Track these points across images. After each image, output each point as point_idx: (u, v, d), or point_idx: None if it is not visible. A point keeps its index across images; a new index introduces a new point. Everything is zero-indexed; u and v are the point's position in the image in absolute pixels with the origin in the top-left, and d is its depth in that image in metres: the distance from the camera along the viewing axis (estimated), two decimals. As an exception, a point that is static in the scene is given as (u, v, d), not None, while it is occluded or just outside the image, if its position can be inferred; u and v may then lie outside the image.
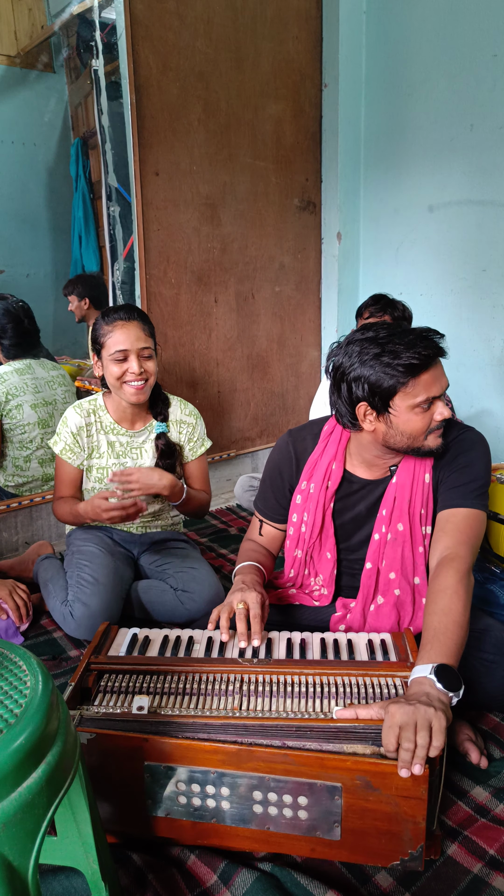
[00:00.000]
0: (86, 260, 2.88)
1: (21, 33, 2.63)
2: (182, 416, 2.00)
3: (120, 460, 1.95)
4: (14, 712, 0.77)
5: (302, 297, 3.35)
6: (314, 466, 1.53)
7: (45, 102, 2.79)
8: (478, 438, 1.45)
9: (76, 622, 1.77)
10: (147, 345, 1.82)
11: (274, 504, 1.61)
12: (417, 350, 1.29)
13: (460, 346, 3.04)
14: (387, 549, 1.46)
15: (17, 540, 2.53)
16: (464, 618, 1.20)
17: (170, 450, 1.94)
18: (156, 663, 1.29)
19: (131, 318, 1.81)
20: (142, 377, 1.80)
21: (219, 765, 1.08)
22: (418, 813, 1.04)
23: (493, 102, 2.69)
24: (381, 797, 1.04)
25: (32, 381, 2.43)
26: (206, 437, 2.06)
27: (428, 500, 1.43)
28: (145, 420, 1.97)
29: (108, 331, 1.80)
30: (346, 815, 1.07)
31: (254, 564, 1.53)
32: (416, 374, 1.30)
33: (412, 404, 1.31)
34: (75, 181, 2.83)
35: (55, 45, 2.72)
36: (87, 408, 1.93)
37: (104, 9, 2.51)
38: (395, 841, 1.07)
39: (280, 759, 1.06)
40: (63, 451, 1.92)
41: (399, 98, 3.04)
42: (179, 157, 2.71)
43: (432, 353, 1.31)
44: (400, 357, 1.28)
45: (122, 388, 1.82)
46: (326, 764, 1.04)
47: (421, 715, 1.02)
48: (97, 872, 0.96)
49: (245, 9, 2.81)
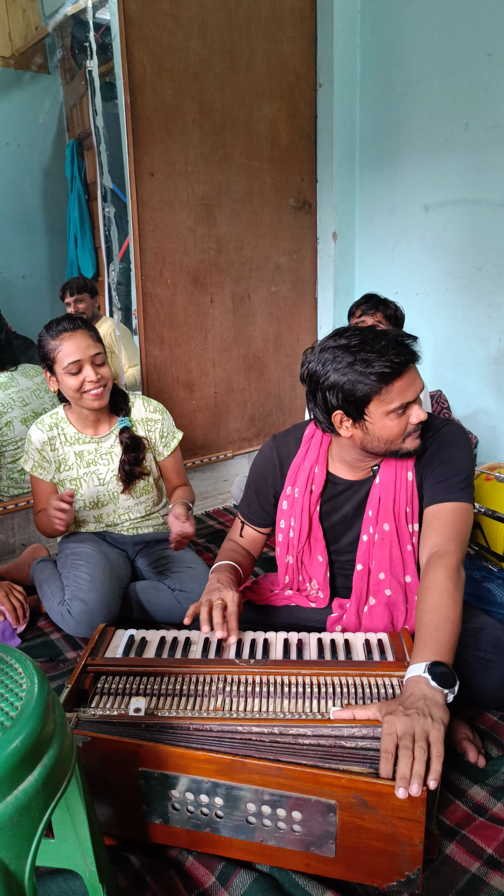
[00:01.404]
0: (81, 261, 2.87)
1: (15, 34, 2.63)
2: (147, 413, 1.99)
3: (91, 468, 1.95)
4: (10, 715, 0.77)
5: (298, 297, 3.35)
6: (297, 471, 1.54)
7: (40, 103, 2.78)
8: (458, 431, 1.45)
9: (75, 619, 1.77)
10: (98, 350, 1.80)
11: (258, 509, 1.62)
12: (389, 357, 1.27)
13: (456, 346, 3.05)
14: (375, 549, 1.46)
15: (13, 542, 2.53)
16: (455, 614, 1.20)
17: (135, 444, 1.93)
18: (153, 664, 1.28)
19: (76, 327, 1.79)
20: (99, 384, 1.80)
21: (213, 774, 1.07)
22: (416, 835, 1.01)
23: (487, 101, 2.69)
24: (377, 816, 1.01)
25: (18, 393, 2.40)
26: (176, 428, 2.05)
27: (413, 497, 1.43)
28: (110, 422, 1.96)
29: (55, 345, 1.78)
30: (342, 833, 1.04)
31: (230, 564, 1.54)
32: (388, 381, 1.29)
33: (387, 411, 1.31)
34: (70, 182, 2.83)
35: (49, 46, 2.72)
36: (48, 422, 1.94)
37: (98, 10, 2.51)
38: (392, 861, 1.05)
39: (274, 773, 1.04)
40: (34, 468, 1.93)
41: (394, 97, 3.04)
42: (174, 158, 2.71)
43: (405, 360, 1.30)
44: (372, 366, 1.27)
45: (82, 398, 1.81)
46: (321, 780, 1.02)
47: (419, 726, 1.02)
48: (95, 875, 0.96)
49: (239, 9, 2.81)
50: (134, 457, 1.93)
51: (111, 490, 1.96)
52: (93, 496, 1.96)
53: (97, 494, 1.96)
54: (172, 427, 2.03)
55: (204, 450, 3.09)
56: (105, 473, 1.95)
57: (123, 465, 1.93)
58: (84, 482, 1.94)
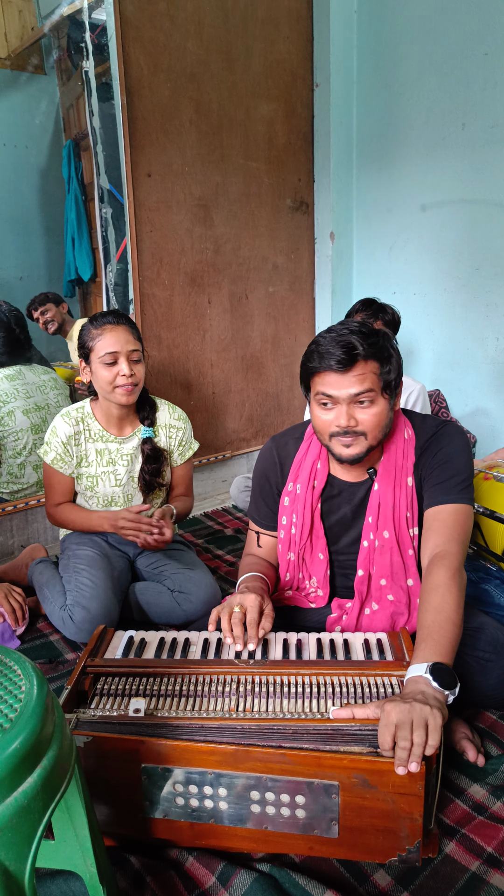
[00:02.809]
0: (79, 262, 2.87)
1: (11, 35, 2.63)
2: (171, 420, 2.00)
3: (109, 468, 1.95)
4: (9, 717, 0.77)
5: (296, 298, 3.35)
6: (299, 467, 1.54)
7: (37, 104, 2.78)
8: (456, 431, 1.46)
9: (76, 626, 1.77)
10: (136, 347, 1.83)
11: (266, 511, 1.62)
12: (323, 355, 1.34)
13: (454, 345, 3.05)
14: (376, 556, 1.46)
15: (12, 543, 2.53)
16: (457, 614, 1.21)
17: (156, 454, 1.95)
18: (152, 665, 1.28)
19: (119, 322, 1.82)
20: (132, 380, 1.80)
21: (216, 766, 1.08)
22: (415, 809, 1.04)
23: (484, 101, 2.70)
24: (379, 794, 1.04)
25: (23, 386, 2.42)
26: (194, 439, 2.07)
27: (413, 502, 1.44)
28: (133, 425, 1.97)
29: (96, 335, 1.80)
30: (344, 813, 1.07)
31: (257, 574, 1.53)
32: (310, 374, 1.38)
33: (312, 396, 1.39)
34: (67, 183, 2.83)
35: (46, 46, 2.72)
36: (75, 416, 1.94)
37: (94, 10, 2.51)
38: (392, 837, 1.07)
39: (277, 759, 1.06)
40: (54, 460, 1.92)
41: (391, 97, 3.05)
42: (171, 159, 2.71)
43: (328, 363, 1.32)
44: (308, 355, 1.37)
45: (114, 392, 1.82)
46: (323, 763, 1.04)
47: (417, 713, 1.02)
48: (95, 875, 0.96)
49: (236, 9, 2.81)
50: (155, 468, 1.95)
51: (126, 492, 1.97)
52: (107, 495, 1.97)
53: (111, 494, 1.97)
54: (191, 437, 2.05)
55: (202, 450, 3.09)
56: (122, 474, 1.96)
57: (144, 474, 1.95)
58: (101, 480, 1.95)
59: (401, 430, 1.46)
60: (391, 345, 1.39)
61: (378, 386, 1.34)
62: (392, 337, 2.42)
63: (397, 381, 1.39)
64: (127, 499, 1.98)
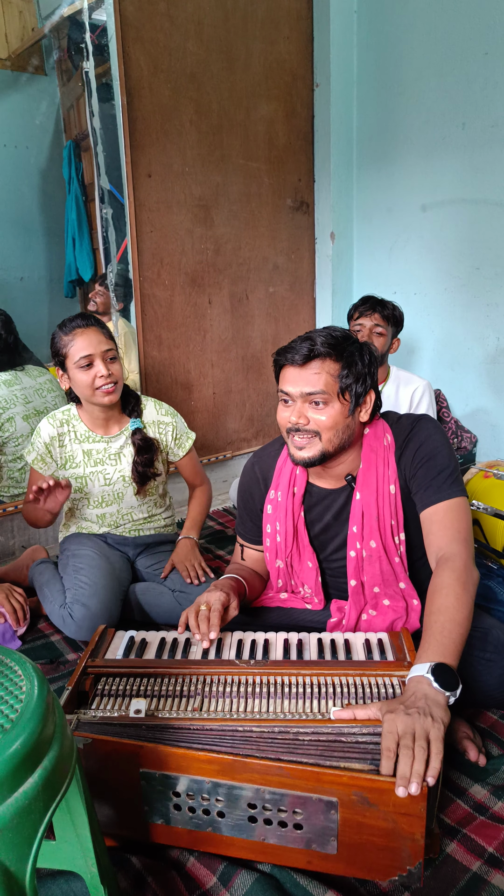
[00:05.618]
0: (79, 263, 2.87)
1: (12, 36, 2.63)
2: (159, 416, 2.00)
3: (98, 468, 1.95)
4: (10, 717, 0.77)
5: (296, 298, 3.35)
6: (279, 474, 1.55)
7: (37, 105, 2.78)
8: (431, 425, 1.45)
9: (76, 624, 1.77)
10: (109, 346, 1.82)
11: (251, 527, 1.64)
12: (288, 348, 1.39)
13: (454, 345, 3.05)
14: (365, 565, 1.46)
15: (13, 544, 2.53)
16: (462, 616, 1.20)
17: (147, 445, 1.94)
18: (153, 666, 1.28)
19: (89, 324, 1.81)
20: (110, 380, 1.80)
21: (214, 774, 1.07)
22: (417, 830, 1.02)
23: (484, 101, 2.69)
24: (378, 813, 1.02)
25: (21, 391, 2.41)
26: (188, 429, 2.06)
27: (397, 509, 1.43)
28: (120, 423, 1.96)
29: (68, 341, 1.79)
30: (343, 830, 1.04)
31: (231, 576, 1.56)
32: (278, 371, 1.44)
33: (278, 391, 1.43)
34: (68, 184, 2.83)
35: (46, 47, 2.72)
36: (60, 418, 1.94)
37: (94, 11, 2.51)
38: (393, 856, 1.05)
39: (275, 772, 1.04)
40: (35, 461, 1.93)
41: (391, 97, 3.04)
42: (172, 159, 2.71)
43: (292, 356, 1.37)
44: (278, 351, 1.43)
45: (94, 394, 1.82)
46: (322, 778, 1.02)
47: (419, 725, 1.02)
48: (96, 876, 0.96)
49: (236, 10, 2.81)
50: (147, 458, 1.94)
51: (117, 491, 1.97)
52: (98, 495, 1.97)
53: (102, 494, 1.97)
54: (185, 428, 2.05)
55: (203, 450, 3.09)
56: (112, 474, 1.95)
57: (137, 466, 1.94)
58: (90, 481, 1.95)
59: (380, 438, 1.45)
60: (363, 354, 1.38)
61: (333, 389, 1.35)
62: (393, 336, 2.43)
63: (361, 390, 1.37)
64: (116, 497, 1.98)
